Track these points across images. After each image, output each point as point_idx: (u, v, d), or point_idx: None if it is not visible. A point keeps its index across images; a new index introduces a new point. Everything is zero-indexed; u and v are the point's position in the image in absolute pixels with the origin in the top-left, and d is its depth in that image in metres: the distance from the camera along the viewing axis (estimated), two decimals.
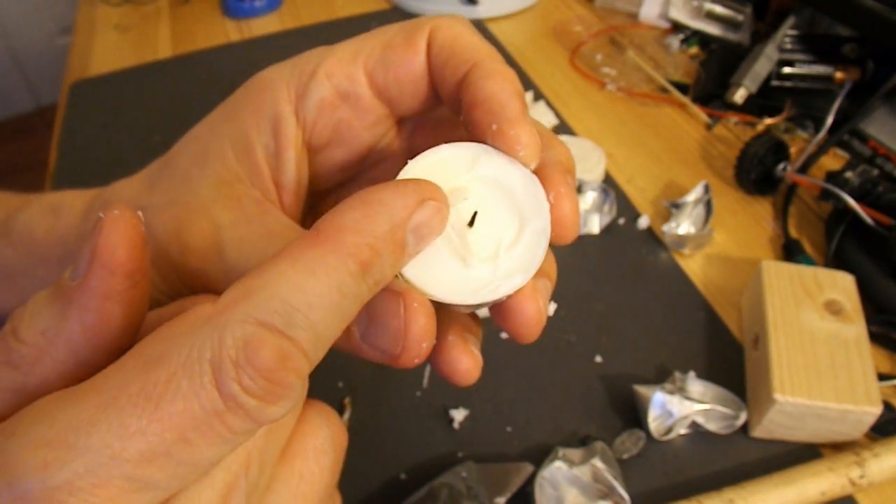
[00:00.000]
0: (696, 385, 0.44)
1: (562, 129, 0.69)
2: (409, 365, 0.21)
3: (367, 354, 0.21)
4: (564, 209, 0.22)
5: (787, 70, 0.67)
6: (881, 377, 0.44)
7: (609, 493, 0.39)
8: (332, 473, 0.22)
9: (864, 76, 0.65)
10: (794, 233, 0.57)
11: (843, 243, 0.53)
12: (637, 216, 0.58)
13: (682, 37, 0.80)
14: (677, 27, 0.82)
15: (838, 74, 0.65)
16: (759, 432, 0.43)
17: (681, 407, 0.43)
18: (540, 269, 0.22)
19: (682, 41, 0.79)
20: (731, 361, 0.48)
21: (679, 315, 0.51)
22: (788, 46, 0.68)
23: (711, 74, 0.72)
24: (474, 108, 0.22)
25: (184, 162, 0.27)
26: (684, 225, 0.56)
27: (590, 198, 0.58)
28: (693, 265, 0.55)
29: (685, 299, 0.52)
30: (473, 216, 0.22)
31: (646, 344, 0.49)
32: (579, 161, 0.60)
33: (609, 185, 0.60)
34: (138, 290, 0.19)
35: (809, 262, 0.53)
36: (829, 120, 0.63)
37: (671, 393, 0.43)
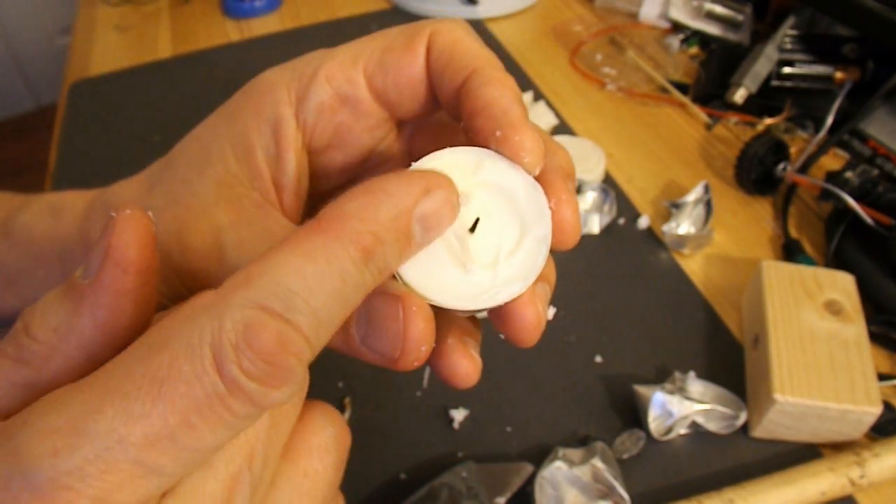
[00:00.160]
0: (696, 385, 0.44)
1: (562, 129, 0.69)
2: (408, 368, 0.21)
3: (366, 357, 0.21)
4: (565, 215, 0.23)
5: (787, 70, 0.67)
6: (881, 377, 0.44)
7: (609, 493, 0.39)
8: (336, 473, 0.22)
9: (864, 76, 0.65)
10: (794, 233, 0.57)
11: (843, 243, 0.53)
12: (637, 216, 0.58)
13: (682, 37, 0.80)
14: (677, 27, 0.81)
15: (838, 74, 0.65)
16: (759, 432, 0.43)
17: (681, 407, 0.43)
18: (539, 274, 0.22)
19: (682, 41, 0.79)
20: (731, 361, 0.48)
21: (679, 315, 0.51)
22: (788, 46, 0.68)
23: (711, 74, 0.72)
24: (476, 115, 0.22)
25: (184, 163, 0.27)
26: (684, 225, 0.56)
27: (590, 198, 0.58)
28: (693, 265, 0.55)
29: (685, 299, 0.52)
30: (475, 222, 0.22)
31: (646, 344, 0.49)
32: (579, 161, 0.60)
33: (609, 185, 0.60)
34: (148, 289, 0.19)
35: (809, 262, 0.53)
36: (829, 120, 0.63)
37: (671, 393, 0.43)
